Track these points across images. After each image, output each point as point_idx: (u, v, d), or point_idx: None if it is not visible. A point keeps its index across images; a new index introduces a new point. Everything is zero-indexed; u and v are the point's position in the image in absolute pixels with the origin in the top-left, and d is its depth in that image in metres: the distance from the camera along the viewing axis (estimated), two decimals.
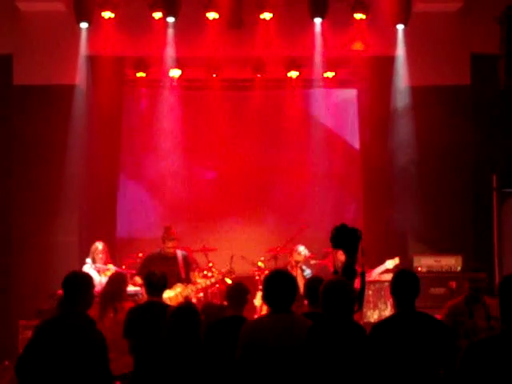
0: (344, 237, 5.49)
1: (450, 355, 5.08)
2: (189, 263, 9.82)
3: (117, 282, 7.83)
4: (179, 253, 9.71)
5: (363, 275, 5.38)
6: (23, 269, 10.54)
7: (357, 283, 5.32)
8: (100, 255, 9.55)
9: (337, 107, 12.10)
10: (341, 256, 5.75)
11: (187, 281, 9.55)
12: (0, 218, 10.80)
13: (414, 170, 10.87)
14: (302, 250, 10.05)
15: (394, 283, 5.44)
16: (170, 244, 9.64)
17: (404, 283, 5.37)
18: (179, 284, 9.37)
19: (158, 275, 6.97)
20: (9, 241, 10.72)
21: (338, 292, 4.91)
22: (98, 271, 9.42)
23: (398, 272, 5.65)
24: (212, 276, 10.17)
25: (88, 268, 9.33)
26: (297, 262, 9.94)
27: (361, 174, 11.98)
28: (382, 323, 5.43)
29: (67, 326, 5.16)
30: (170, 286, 8.95)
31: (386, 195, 11.14)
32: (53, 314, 6.87)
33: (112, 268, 9.58)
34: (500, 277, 10.24)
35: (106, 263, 9.60)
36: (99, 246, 9.62)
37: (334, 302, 4.88)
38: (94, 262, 9.53)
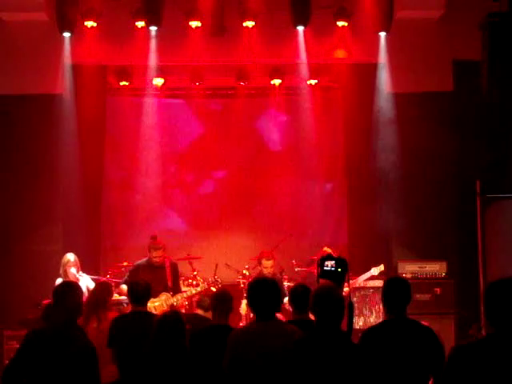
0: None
1: (440, 362, 5.02)
2: (177, 272, 9.75)
3: (101, 291, 7.77)
4: (168, 262, 9.61)
5: (351, 306, 5.32)
6: (7, 278, 10.47)
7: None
8: (72, 267, 9.16)
9: (321, 113, 12.10)
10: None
11: (175, 290, 9.49)
12: None
13: (398, 176, 10.87)
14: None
15: (385, 290, 5.40)
16: (156, 253, 9.57)
17: (396, 290, 5.34)
18: (164, 293, 9.33)
19: (142, 285, 6.93)
20: None
21: (329, 298, 4.90)
22: None
23: (389, 279, 5.62)
24: (197, 284, 10.12)
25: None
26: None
27: (345, 180, 12.00)
28: (373, 330, 5.41)
29: (57, 335, 5.12)
30: (156, 295, 8.92)
31: (370, 202, 11.14)
32: (37, 323, 6.83)
33: (83, 276, 9.23)
34: (484, 282, 10.29)
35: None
36: (71, 257, 9.26)
37: (326, 308, 4.86)
38: (65, 274, 9.13)
